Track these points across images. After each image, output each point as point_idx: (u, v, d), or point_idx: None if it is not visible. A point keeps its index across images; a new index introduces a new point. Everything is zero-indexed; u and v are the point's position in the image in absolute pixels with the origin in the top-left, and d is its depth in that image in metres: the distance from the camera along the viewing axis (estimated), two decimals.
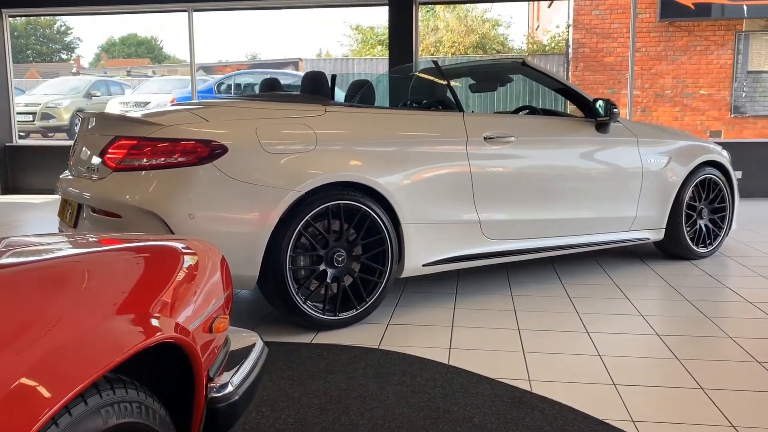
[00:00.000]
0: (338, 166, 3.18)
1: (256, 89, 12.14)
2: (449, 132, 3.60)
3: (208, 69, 26.09)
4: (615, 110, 4.09)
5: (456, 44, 17.16)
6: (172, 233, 2.86)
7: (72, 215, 3.24)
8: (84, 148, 3.30)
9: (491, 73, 4.80)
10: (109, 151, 3.03)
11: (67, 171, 3.57)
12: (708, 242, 4.72)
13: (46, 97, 16.01)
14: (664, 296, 3.83)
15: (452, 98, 3.86)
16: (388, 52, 8.24)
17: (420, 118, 3.63)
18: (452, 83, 4.02)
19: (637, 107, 11.97)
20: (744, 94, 12.72)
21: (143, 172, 2.94)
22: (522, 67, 4.18)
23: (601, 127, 4.15)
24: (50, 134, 16.26)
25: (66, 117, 15.72)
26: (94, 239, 1.48)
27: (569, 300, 3.71)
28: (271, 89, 4.23)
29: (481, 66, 5.07)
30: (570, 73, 12.80)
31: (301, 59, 23.19)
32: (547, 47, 16.11)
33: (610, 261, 4.64)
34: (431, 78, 4.18)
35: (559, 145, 4.01)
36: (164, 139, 2.94)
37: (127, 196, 2.92)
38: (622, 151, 4.26)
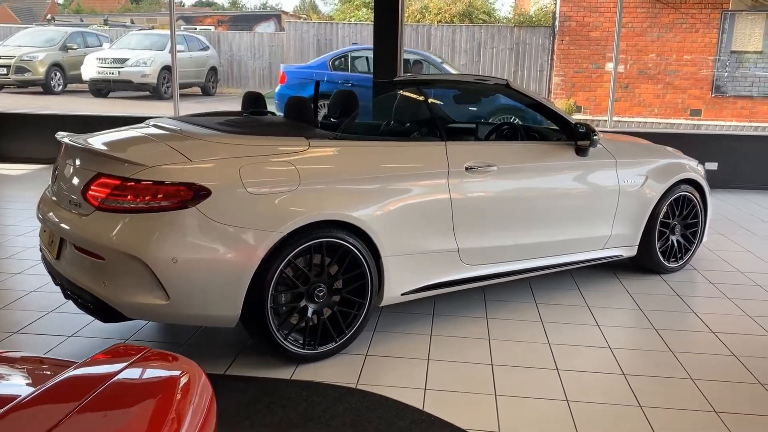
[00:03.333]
0: (321, 205, 3.21)
1: (357, 65, 11.75)
2: (431, 163, 3.63)
3: (188, 20, 25.50)
4: (595, 137, 4.14)
5: (442, 11, 16.94)
6: (156, 278, 2.90)
7: (55, 246, 3.26)
8: (66, 177, 3.30)
9: (476, 91, 4.81)
10: (92, 187, 3.03)
11: (47, 190, 3.56)
12: (679, 256, 4.86)
13: (20, 49, 15.55)
14: (633, 323, 3.97)
15: (435, 123, 3.88)
16: (373, 15, 8.06)
17: (403, 150, 3.65)
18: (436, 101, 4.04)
19: (619, 83, 11.99)
20: (726, 74, 12.81)
21: (126, 214, 2.95)
22: (506, 89, 4.20)
23: (581, 151, 4.21)
24: (25, 88, 15.89)
25: (41, 71, 15.34)
26: (76, 383, 1.46)
27: (542, 326, 3.84)
28: (255, 104, 4.21)
29: (467, 84, 5.06)
30: (555, 47, 12.74)
31: (283, 11, 22.78)
32: (534, 19, 15.94)
33: (583, 275, 4.76)
34: (415, 98, 4.18)
35: (540, 173, 4.06)
36: (147, 181, 2.95)
37: (111, 237, 2.94)
38: (600, 174, 4.33)
